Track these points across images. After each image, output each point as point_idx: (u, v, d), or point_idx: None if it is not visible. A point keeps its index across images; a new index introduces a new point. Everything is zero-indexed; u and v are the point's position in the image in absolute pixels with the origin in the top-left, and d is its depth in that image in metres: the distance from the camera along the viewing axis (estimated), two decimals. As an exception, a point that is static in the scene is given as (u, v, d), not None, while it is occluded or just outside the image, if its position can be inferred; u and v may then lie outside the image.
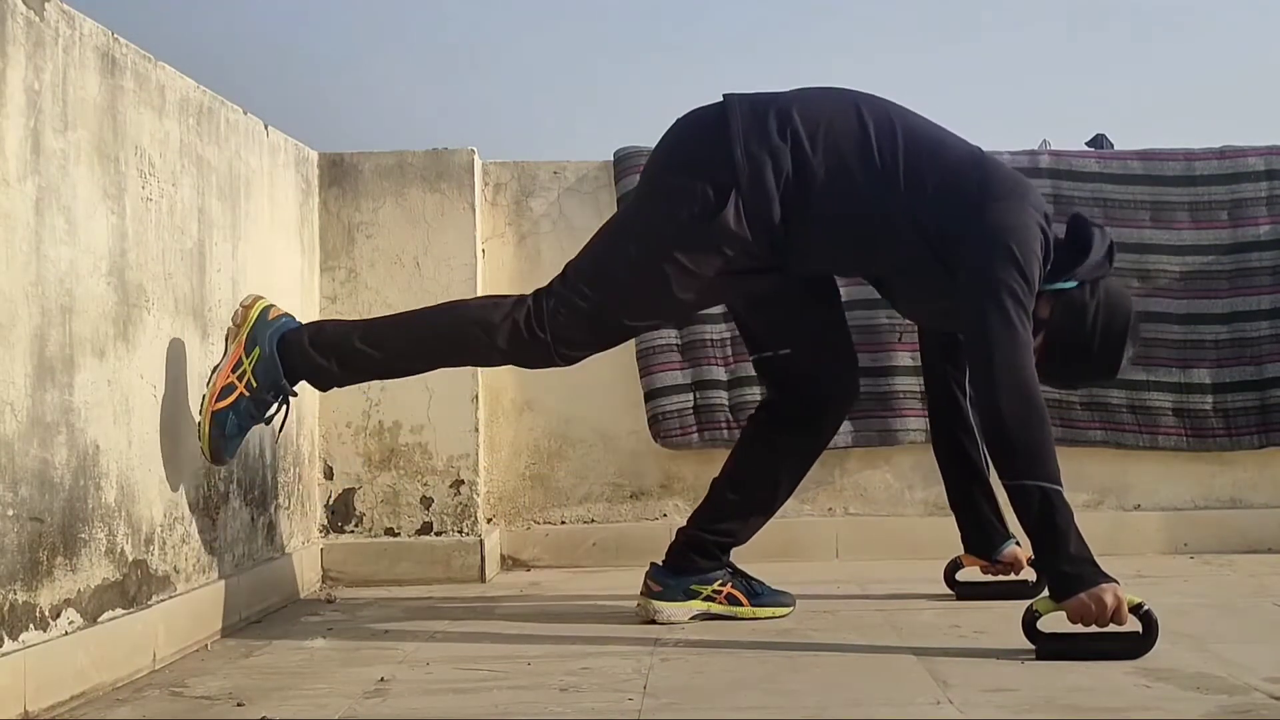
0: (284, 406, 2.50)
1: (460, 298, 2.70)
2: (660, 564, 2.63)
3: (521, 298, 2.48)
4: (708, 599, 2.58)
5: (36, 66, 1.91)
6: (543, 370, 2.56)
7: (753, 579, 2.63)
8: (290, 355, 2.43)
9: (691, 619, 2.57)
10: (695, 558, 2.60)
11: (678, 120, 2.52)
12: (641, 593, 2.60)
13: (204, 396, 2.36)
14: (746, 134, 2.37)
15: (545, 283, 2.51)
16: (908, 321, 3.49)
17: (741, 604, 2.58)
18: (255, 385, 2.39)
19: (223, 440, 2.36)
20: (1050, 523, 2.16)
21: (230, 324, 2.46)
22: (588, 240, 2.56)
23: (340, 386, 2.59)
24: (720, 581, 2.60)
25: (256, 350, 2.39)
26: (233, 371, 2.38)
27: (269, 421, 2.51)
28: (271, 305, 2.47)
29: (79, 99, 2.03)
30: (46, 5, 1.94)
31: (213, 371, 2.40)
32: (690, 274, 2.39)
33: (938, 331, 2.76)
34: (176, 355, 2.35)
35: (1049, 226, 2.37)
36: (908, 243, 2.37)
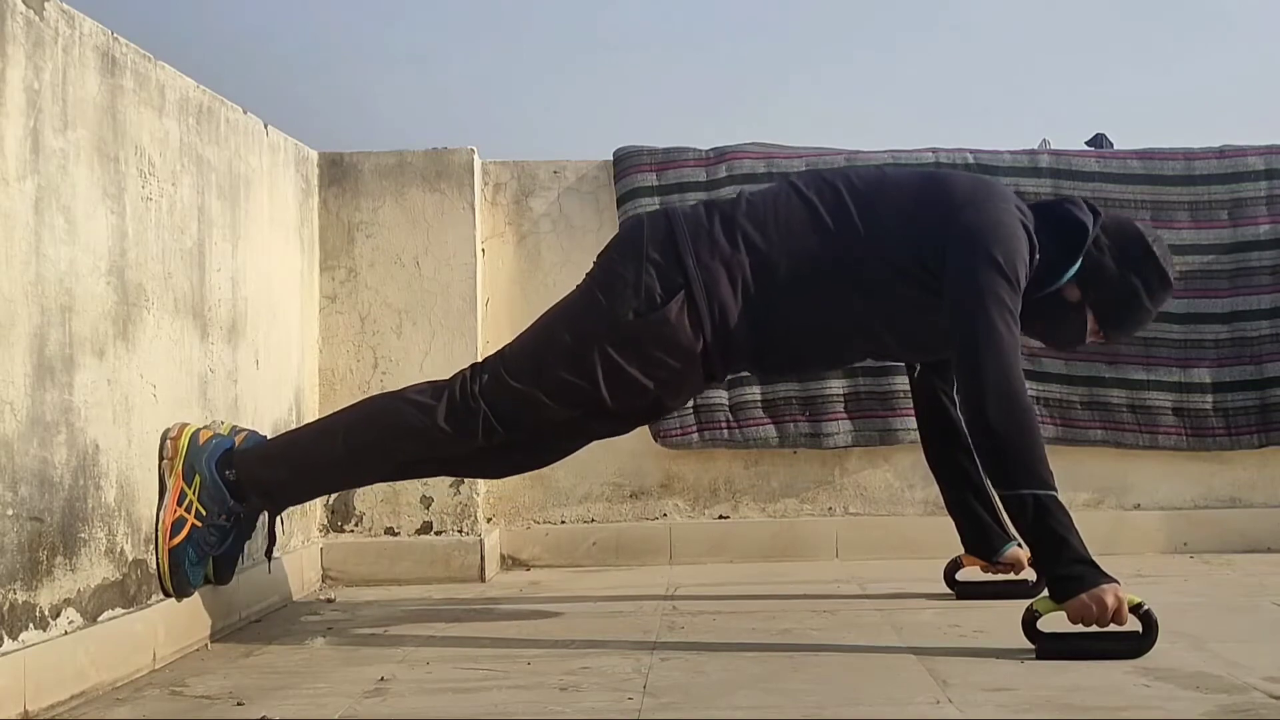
0: (269, 535, 2.50)
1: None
2: None
3: (456, 373, 2.45)
4: None
5: (36, 66, 1.91)
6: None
7: None
8: (245, 473, 2.35)
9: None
10: None
11: (625, 222, 2.52)
12: None
13: (156, 537, 2.26)
14: (696, 244, 2.36)
15: (545, 282, 2.51)
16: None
17: None
18: (205, 513, 2.30)
19: (184, 573, 2.27)
20: (1047, 529, 2.16)
21: (162, 459, 2.30)
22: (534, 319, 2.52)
23: (293, 503, 2.57)
24: None
25: (197, 478, 2.30)
26: (179, 505, 2.28)
27: (270, 557, 2.53)
28: (199, 429, 2.35)
29: (79, 98, 2.03)
30: (46, 5, 1.94)
31: (158, 511, 2.27)
32: (618, 371, 2.35)
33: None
34: (177, 355, 2.35)
35: (1027, 215, 2.36)
36: (887, 283, 2.36)
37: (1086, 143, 3.75)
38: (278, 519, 2.53)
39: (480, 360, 2.46)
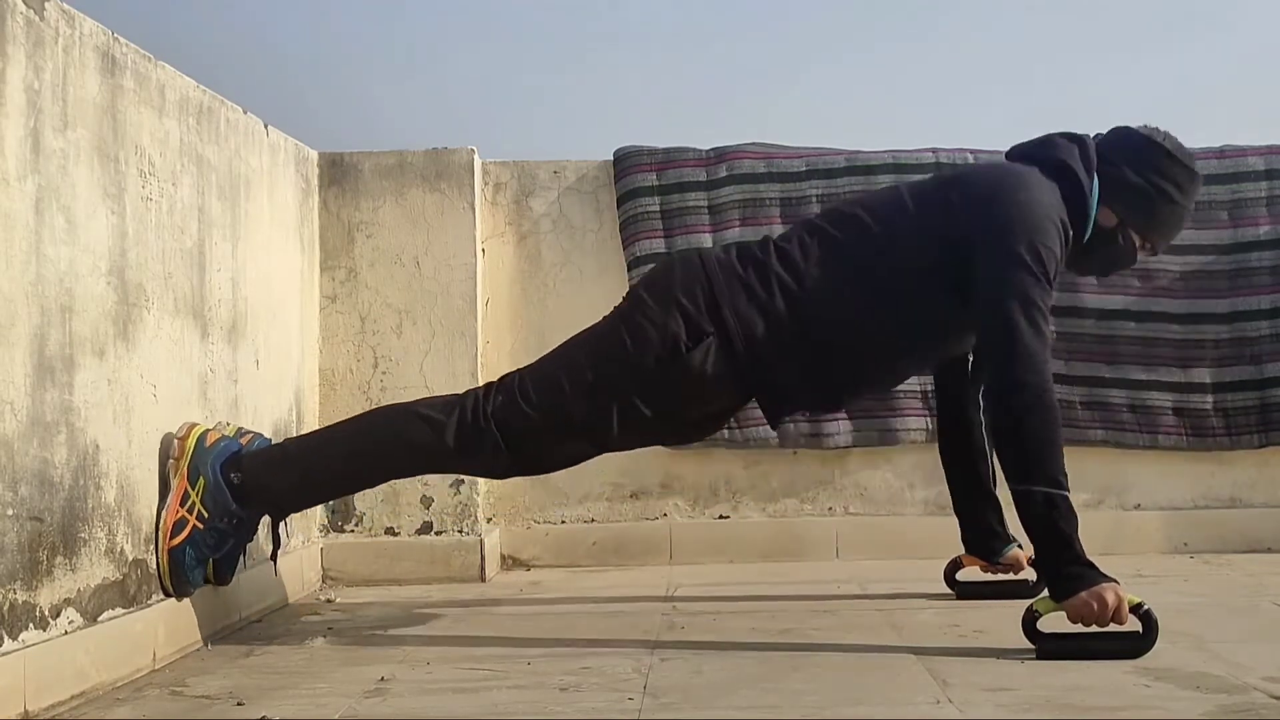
0: (274, 539, 2.51)
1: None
2: None
3: (470, 390, 2.44)
4: None
5: (36, 66, 1.91)
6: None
7: None
8: (251, 477, 2.35)
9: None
10: None
11: (660, 262, 2.51)
12: None
13: (156, 536, 2.26)
14: (732, 292, 2.36)
15: (545, 282, 2.50)
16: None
17: None
18: (207, 515, 2.30)
19: (184, 574, 2.27)
20: (1054, 527, 2.16)
21: (169, 458, 2.31)
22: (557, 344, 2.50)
23: (296, 509, 2.57)
24: None
25: (201, 480, 2.30)
26: (181, 505, 2.28)
27: (275, 560, 2.53)
28: (207, 430, 2.36)
29: (79, 98, 2.03)
30: (46, 5, 1.94)
31: (159, 510, 2.28)
32: (634, 411, 2.35)
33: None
34: (177, 355, 2.35)
35: (1049, 190, 2.35)
36: (926, 299, 2.35)
37: (1086, 143, 3.75)
38: (282, 523, 2.53)
39: (497, 380, 2.44)
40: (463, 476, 3.21)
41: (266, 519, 2.47)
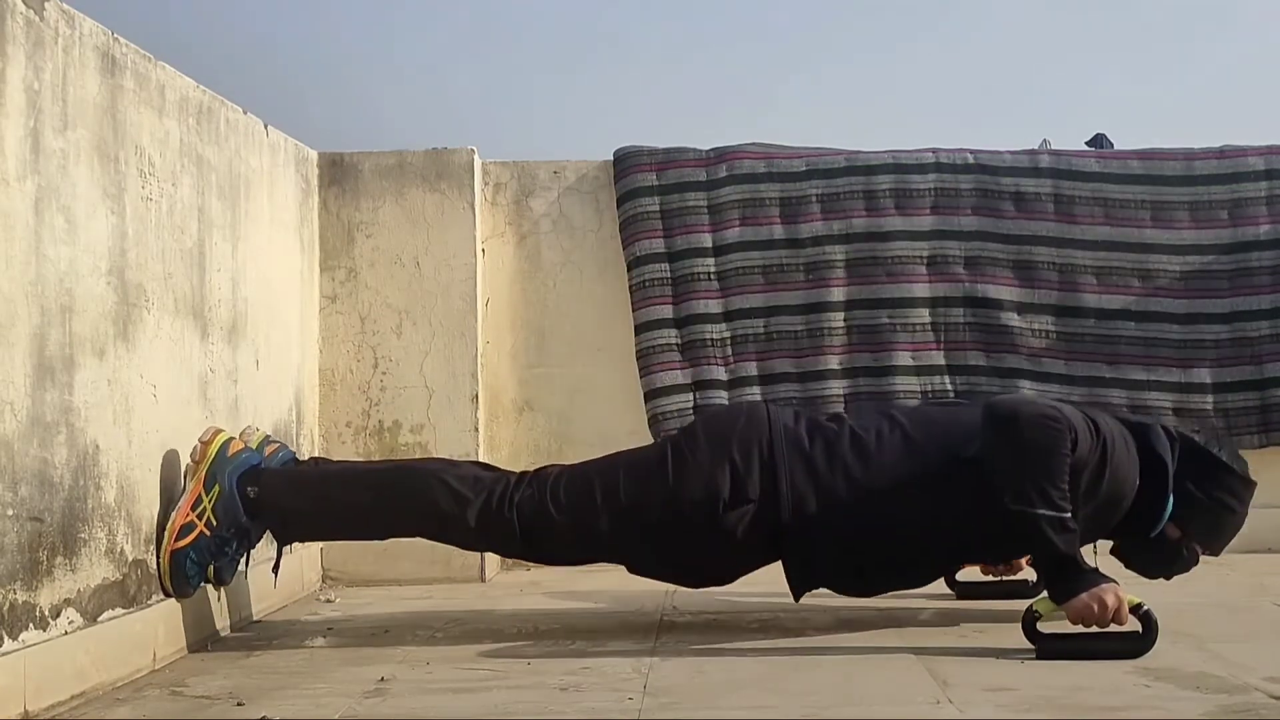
0: (278, 550, 2.50)
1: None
2: None
3: (503, 474, 2.42)
4: None
5: (36, 66, 1.91)
6: (541, 370, 2.51)
7: None
8: (266, 495, 2.34)
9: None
10: None
11: (728, 406, 2.69)
12: None
13: (163, 535, 2.27)
14: (792, 464, 2.32)
15: (545, 282, 2.49)
16: (909, 320, 3.49)
17: None
18: (216, 523, 2.29)
19: (184, 576, 2.27)
20: (1052, 547, 2.15)
21: (188, 460, 2.34)
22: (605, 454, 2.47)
23: (300, 539, 2.57)
24: None
25: (216, 487, 2.30)
26: (192, 509, 2.28)
27: (276, 571, 2.51)
28: (231, 439, 2.37)
29: (79, 98, 2.03)
30: (46, 5, 1.94)
31: (168, 510, 2.28)
32: (658, 547, 2.36)
33: None
34: (177, 355, 2.35)
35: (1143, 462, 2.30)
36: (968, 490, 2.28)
37: (1086, 143, 3.75)
38: (286, 547, 2.52)
39: (534, 470, 2.42)
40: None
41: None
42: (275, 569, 2.52)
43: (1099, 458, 2.22)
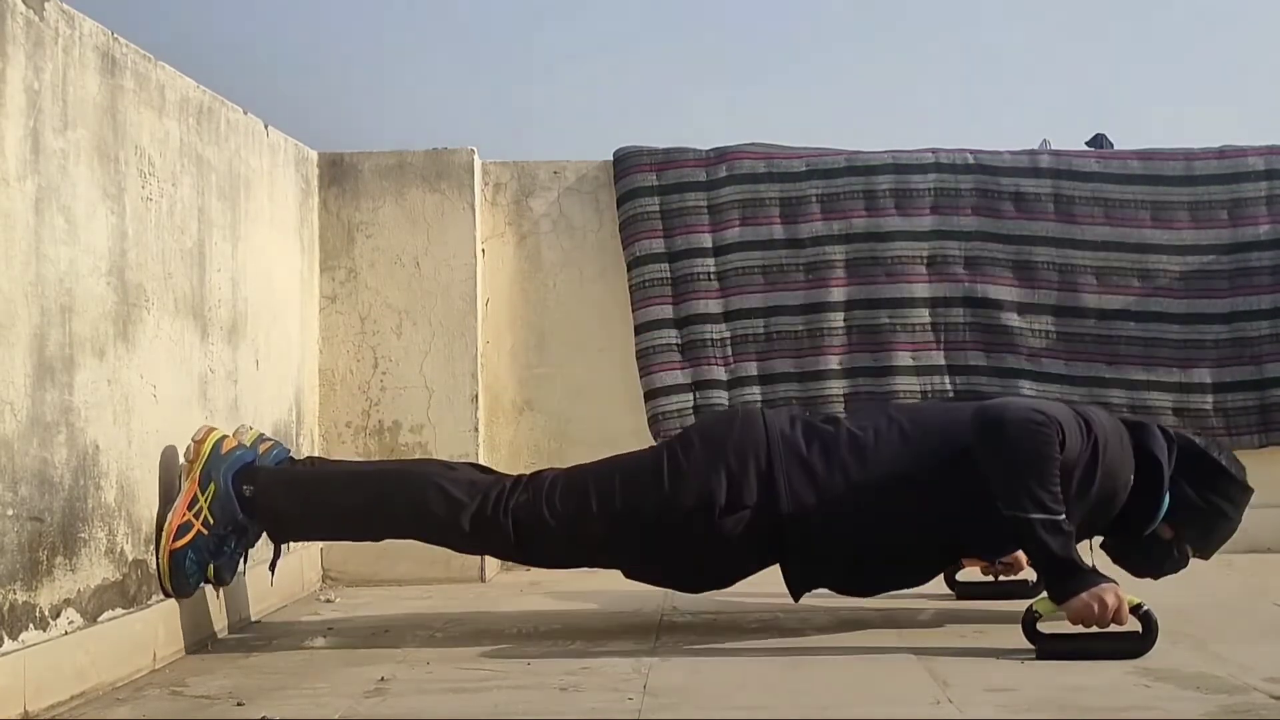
0: (275, 549, 2.50)
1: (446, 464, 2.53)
2: None
3: (499, 478, 2.42)
4: None
5: (36, 66, 1.90)
6: (541, 370, 2.52)
7: None
8: (262, 493, 2.34)
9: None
10: None
11: (723, 413, 2.61)
12: None
13: (160, 536, 2.26)
14: (789, 468, 2.31)
15: (545, 282, 2.49)
16: (909, 320, 3.50)
17: None
18: (213, 522, 2.29)
19: (184, 575, 2.26)
20: (1049, 551, 2.15)
21: (183, 460, 2.32)
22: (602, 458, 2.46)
23: (296, 538, 2.56)
24: None
25: (212, 486, 2.29)
26: (188, 509, 2.28)
27: (273, 570, 2.52)
28: (224, 437, 2.36)
29: (79, 99, 2.03)
30: (46, 5, 1.94)
31: (165, 510, 2.28)
32: (652, 551, 2.35)
33: None
34: (177, 355, 2.35)
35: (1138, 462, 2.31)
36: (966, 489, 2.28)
37: (1086, 143, 3.75)
38: (284, 545, 2.52)
39: (529, 475, 2.42)
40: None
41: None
42: (272, 567, 2.52)
43: (1090, 455, 2.22)
